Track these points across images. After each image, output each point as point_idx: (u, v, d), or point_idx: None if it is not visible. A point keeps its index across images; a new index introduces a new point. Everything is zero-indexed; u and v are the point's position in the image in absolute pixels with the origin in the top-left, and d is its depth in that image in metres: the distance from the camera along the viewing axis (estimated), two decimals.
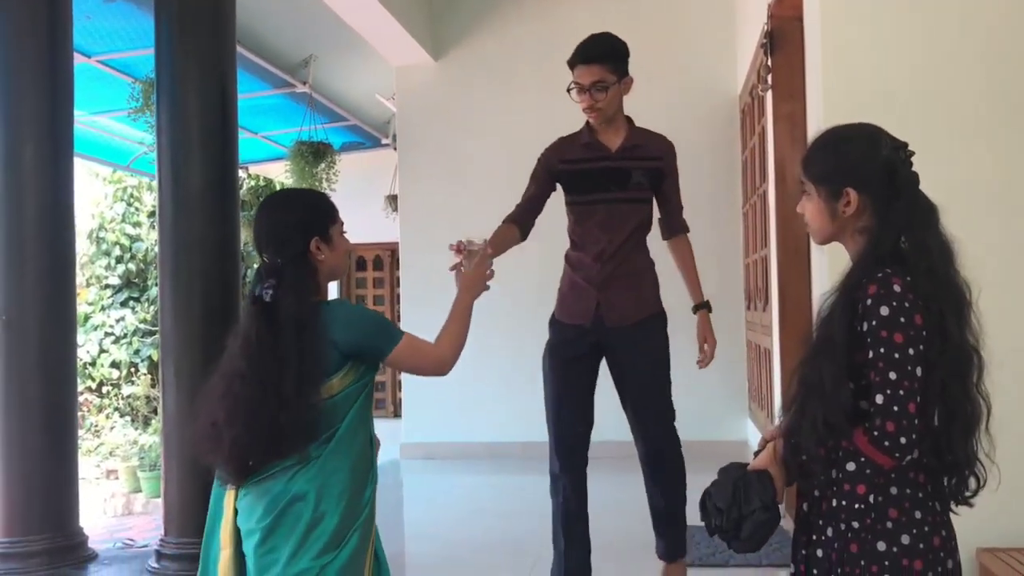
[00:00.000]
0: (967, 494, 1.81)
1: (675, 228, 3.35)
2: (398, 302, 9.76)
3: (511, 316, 6.48)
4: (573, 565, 3.23)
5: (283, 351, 2.17)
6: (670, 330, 3.28)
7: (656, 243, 3.36)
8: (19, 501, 3.63)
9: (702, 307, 3.31)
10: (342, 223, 2.36)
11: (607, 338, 3.19)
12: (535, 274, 6.20)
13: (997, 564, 2.88)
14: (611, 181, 3.19)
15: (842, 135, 1.95)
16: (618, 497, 3.75)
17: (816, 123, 3.35)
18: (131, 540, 6.91)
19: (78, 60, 3.98)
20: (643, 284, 3.26)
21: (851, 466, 1.77)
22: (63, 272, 3.75)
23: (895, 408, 1.70)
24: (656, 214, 3.35)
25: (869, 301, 1.75)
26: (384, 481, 2.60)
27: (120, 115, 6.70)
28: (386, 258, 10.41)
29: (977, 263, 1.87)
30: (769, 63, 4.59)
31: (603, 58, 3.12)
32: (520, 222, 3.30)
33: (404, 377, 6.77)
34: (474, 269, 2.47)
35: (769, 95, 4.72)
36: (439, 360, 2.31)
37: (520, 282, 6.41)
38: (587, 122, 3.24)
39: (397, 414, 9.81)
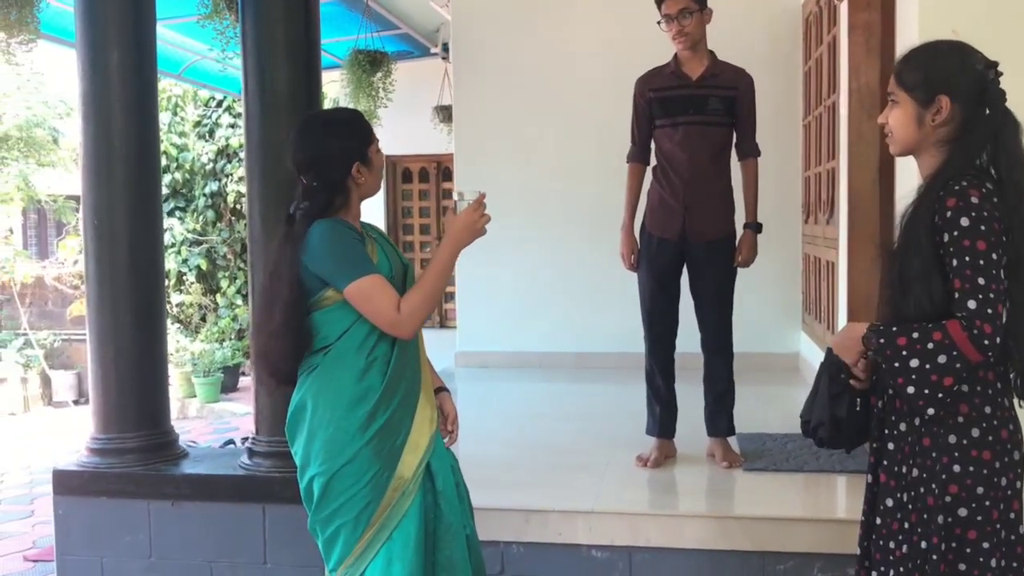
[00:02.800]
0: None
1: (745, 152, 3.84)
2: (444, 214, 9.77)
3: (565, 229, 6.52)
4: (665, 422, 3.88)
5: (280, 266, 2.28)
6: None
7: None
8: (114, 399, 3.75)
9: (750, 226, 3.82)
10: (377, 140, 2.36)
11: (689, 249, 3.79)
12: (590, 187, 6.24)
13: None
14: (691, 105, 3.68)
15: (938, 47, 2.08)
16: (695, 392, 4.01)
17: (907, 33, 3.31)
18: (193, 442, 7.13)
19: None
20: (722, 206, 3.80)
21: (942, 359, 1.88)
22: (149, 177, 3.79)
23: (989, 311, 1.85)
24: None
25: (948, 213, 1.87)
26: None
27: (175, 23, 6.66)
28: (432, 170, 10.37)
29: None
30: None
31: None
32: (641, 159, 3.88)
33: (457, 288, 6.84)
34: (463, 213, 2.29)
35: (844, 4, 4.64)
36: (390, 324, 2.22)
37: (574, 195, 6.44)
38: (675, 55, 3.74)
39: (444, 325, 9.93)
